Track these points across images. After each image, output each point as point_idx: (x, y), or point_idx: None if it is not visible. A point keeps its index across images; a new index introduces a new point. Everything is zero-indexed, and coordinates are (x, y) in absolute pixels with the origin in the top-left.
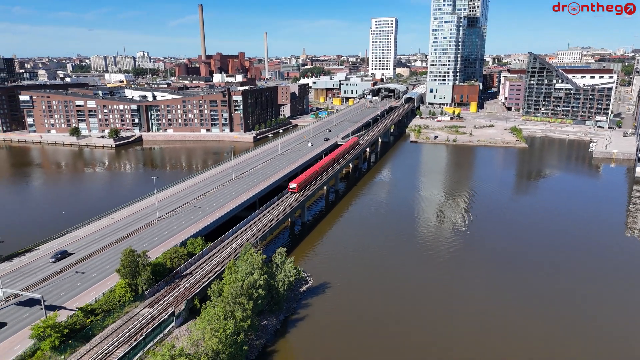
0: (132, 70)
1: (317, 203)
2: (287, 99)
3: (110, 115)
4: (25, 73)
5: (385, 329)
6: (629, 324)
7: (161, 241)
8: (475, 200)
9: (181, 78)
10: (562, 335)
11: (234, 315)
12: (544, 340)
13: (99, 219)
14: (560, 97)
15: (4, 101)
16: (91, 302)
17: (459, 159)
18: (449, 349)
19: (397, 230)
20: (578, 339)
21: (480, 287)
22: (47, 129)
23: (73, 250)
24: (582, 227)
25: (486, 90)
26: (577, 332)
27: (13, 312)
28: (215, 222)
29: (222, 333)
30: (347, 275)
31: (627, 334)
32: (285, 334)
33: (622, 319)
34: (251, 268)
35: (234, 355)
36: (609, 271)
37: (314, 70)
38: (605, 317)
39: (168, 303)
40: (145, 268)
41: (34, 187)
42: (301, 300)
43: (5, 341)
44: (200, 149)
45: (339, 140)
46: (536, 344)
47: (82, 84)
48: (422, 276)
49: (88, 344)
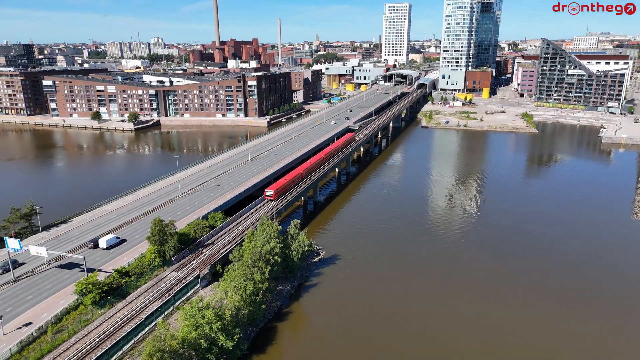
0: (147, 56)
1: (329, 184)
2: (300, 84)
3: (129, 100)
4: (45, 59)
5: (391, 295)
6: (627, 298)
7: (184, 215)
8: (484, 182)
9: (196, 64)
10: (564, 311)
11: (253, 277)
12: (547, 319)
13: (125, 195)
14: (573, 83)
15: (27, 86)
16: (124, 265)
17: (468, 143)
18: (449, 314)
19: (407, 210)
20: (578, 314)
21: (485, 259)
22: (70, 113)
23: (104, 222)
24: (588, 210)
25: (500, 76)
26: (576, 307)
27: (55, 274)
28: (233, 198)
29: (242, 292)
30: (357, 249)
31: (623, 306)
32: (299, 298)
33: (621, 295)
34: (268, 237)
35: (253, 313)
36: (613, 252)
37: (327, 57)
38: (605, 293)
39: (193, 268)
40: (172, 236)
41: (61, 167)
42: (313, 270)
43: (50, 297)
44: (216, 133)
45: (350, 124)
46: (539, 324)
47: (102, 70)
48: (429, 249)
49: (124, 301)
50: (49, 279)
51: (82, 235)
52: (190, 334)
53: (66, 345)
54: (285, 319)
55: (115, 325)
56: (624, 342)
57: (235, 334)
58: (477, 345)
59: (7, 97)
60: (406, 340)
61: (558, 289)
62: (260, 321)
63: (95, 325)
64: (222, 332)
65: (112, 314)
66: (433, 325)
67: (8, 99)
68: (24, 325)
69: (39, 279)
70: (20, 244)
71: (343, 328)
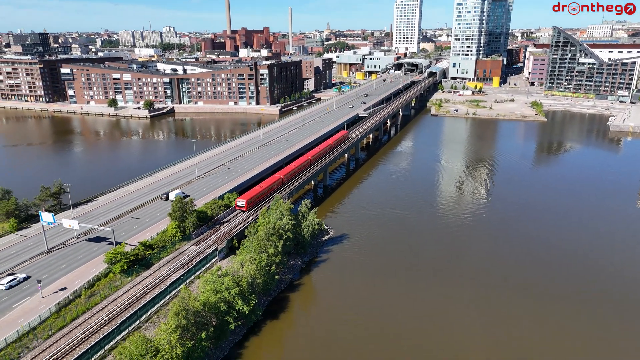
0: (159, 45)
1: (338, 170)
2: (311, 73)
3: (144, 88)
4: (60, 47)
5: (396, 272)
6: (628, 278)
7: (201, 195)
8: (491, 169)
9: (208, 53)
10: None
11: (267, 250)
12: (550, 298)
13: (145, 177)
14: (583, 72)
15: (46, 74)
16: (148, 239)
17: (477, 131)
18: (451, 291)
19: (414, 194)
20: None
21: (491, 242)
22: (87, 100)
23: (127, 201)
24: (594, 197)
25: (511, 65)
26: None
27: (85, 246)
28: (247, 180)
29: (257, 263)
30: (365, 229)
31: (623, 282)
32: (309, 272)
33: (622, 275)
34: (281, 215)
35: (267, 283)
36: (617, 236)
37: (337, 45)
38: (606, 273)
39: (211, 242)
40: (191, 213)
41: (79, 152)
42: (323, 247)
43: (82, 266)
44: (228, 120)
45: (360, 112)
46: (542, 303)
47: (117, 58)
48: (434, 230)
49: (149, 270)
50: (79, 251)
51: (107, 212)
52: (211, 297)
53: (99, 307)
54: (296, 290)
55: (142, 291)
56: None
57: (251, 300)
58: (476, 314)
59: (27, 84)
60: (409, 312)
61: (563, 283)
62: (273, 291)
63: (124, 290)
64: (240, 297)
65: (138, 282)
66: (434, 298)
67: (27, 86)
68: (59, 290)
69: (70, 251)
70: (54, 217)
71: (350, 301)
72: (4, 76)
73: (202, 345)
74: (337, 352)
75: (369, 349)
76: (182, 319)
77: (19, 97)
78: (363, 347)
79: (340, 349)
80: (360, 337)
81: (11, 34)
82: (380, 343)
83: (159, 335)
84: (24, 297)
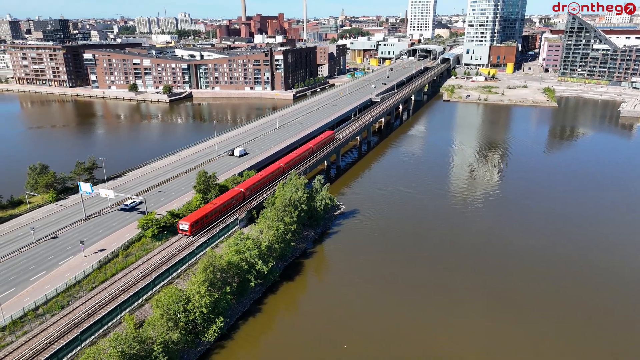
0: (175, 31)
1: (350, 152)
2: (325, 59)
3: (163, 73)
4: (79, 34)
5: (404, 244)
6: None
7: (221, 172)
8: (500, 152)
9: (223, 39)
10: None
11: (283, 219)
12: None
13: (169, 156)
14: (597, 58)
15: (69, 59)
16: (175, 209)
17: (487, 116)
18: (454, 259)
19: (425, 175)
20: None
21: (497, 216)
22: (108, 85)
23: (153, 176)
24: (602, 184)
25: (527, 51)
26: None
27: (118, 215)
28: (263, 160)
29: (275, 230)
30: (375, 207)
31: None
32: (321, 242)
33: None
34: (296, 188)
35: (284, 249)
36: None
37: (352, 32)
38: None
39: (233, 212)
40: (214, 187)
41: (102, 134)
42: (335, 221)
43: (117, 231)
44: (244, 105)
45: (372, 97)
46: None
47: (137, 44)
48: (442, 208)
49: (177, 236)
50: (113, 219)
51: (136, 186)
52: (234, 257)
53: (134, 265)
54: (309, 258)
55: (172, 253)
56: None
57: (270, 262)
58: (478, 285)
59: (51, 70)
60: (416, 277)
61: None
62: (289, 257)
63: (156, 252)
64: (259, 258)
65: (168, 245)
66: (437, 265)
67: (51, 71)
68: (99, 251)
69: (106, 219)
70: (92, 187)
71: (360, 268)
72: (29, 61)
73: (226, 298)
74: (345, 312)
75: (375, 309)
76: (210, 273)
77: (44, 82)
78: (369, 307)
79: (348, 308)
80: (366, 299)
81: (31, 21)
82: (384, 305)
83: (189, 287)
84: (67, 256)
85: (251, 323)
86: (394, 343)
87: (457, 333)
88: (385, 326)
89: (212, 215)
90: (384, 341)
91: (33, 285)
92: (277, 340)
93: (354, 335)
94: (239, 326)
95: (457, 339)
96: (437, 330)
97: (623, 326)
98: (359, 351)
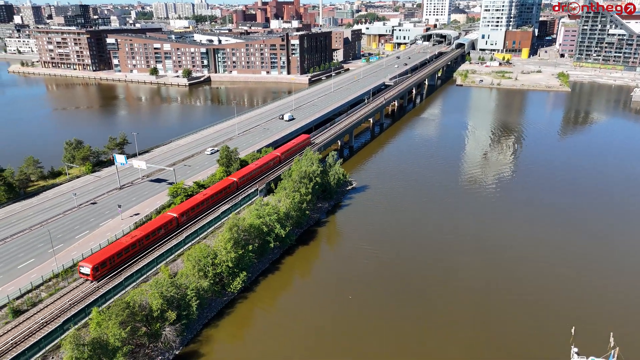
0: (192, 17)
1: (363, 133)
2: (340, 44)
3: (182, 57)
4: (99, 19)
5: (412, 214)
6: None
7: (241, 149)
8: (508, 133)
9: (240, 24)
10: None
11: (299, 190)
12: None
13: (192, 134)
14: (613, 43)
15: (93, 44)
16: (200, 180)
17: (498, 101)
18: (457, 225)
19: (433, 154)
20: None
21: (501, 195)
22: (130, 69)
23: (178, 152)
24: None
25: (544, 36)
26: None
27: (149, 185)
28: (281, 138)
29: (292, 199)
30: (386, 183)
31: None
32: (334, 213)
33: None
34: (311, 162)
35: (299, 217)
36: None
37: (368, 17)
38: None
39: (253, 183)
40: (235, 160)
41: (124, 115)
42: (347, 195)
43: (149, 199)
44: (261, 89)
45: (386, 81)
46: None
47: (157, 29)
48: (450, 183)
49: None
50: (145, 188)
51: (163, 160)
52: (255, 221)
53: None
54: (323, 226)
55: (200, 217)
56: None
57: (287, 226)
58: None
59: (75, 54)
60: (420, 245)
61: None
62: (304, 225)
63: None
64: (278, 222)
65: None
66: (441, 229)
67: (76, 55)
68: (134, 215)
69: (138, 188)
70: (126, 159)
71: (370, 236)
72: (54, 45)
73: (249, 255)
74: (353, 272)
75: (381, 269)
76: (234, 233)
77: (68, 66)
78: (375, 268)
79: (355, 269)
80: (373, 260)
81: (52, 6)
82: (390, 265)
83: (216, 244)
84: (106, 218)
85: (270, 279)
86: (395, 294)
87: (453, 287)
88: (388, 281)
89: (115, 260)
90: (385, 293)
91: (79, 242)
92: (293, 293)
93: (359, 289)
94: (259, 281)
95: (452, 287)
96: (436, 281)
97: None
98: (362, 300)
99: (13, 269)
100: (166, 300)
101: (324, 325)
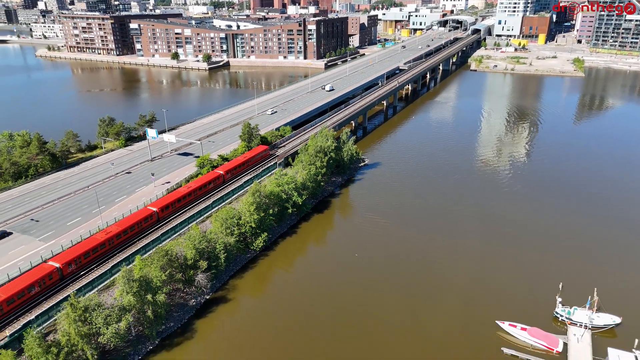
0: (209, 2)
1: (377, 116)
2: (357, 29)
3: (202, 42)
4: (120, 5)
5: (419, 190)
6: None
7: (262, 127)
8: (522, 115)
9: (257, 10)
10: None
11: (315, 163)
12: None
13: (215, 114)
14: (630, 29)
15: (116, 29)
16: (224, 154)
17: (511, 85)
18: (460, 207)
19: (444, 135)
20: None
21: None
22: (152, 53)
23: (202, 130)
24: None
25: (563, 22)
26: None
27: (177, 158)
28: (298, 118)
29: (308, 171)
30: (397, 161)
31: None
32: (347, 187)
33: None
34: (325, 138)
35: (315, 189)
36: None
37: (385, 2)
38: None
39: (273, 157)
40: (256, 137)
41: (149, 96)
42: (359, 171)
43: (178, 170)
44: (278, 73)
45: (400, 65)
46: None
47: (177, 14)
48: (459, 162)
49: None
50: (173, 161)
51: (189, 136)
52: (275, 189)
53: None
54: (336, 197)
55: (224, 185)
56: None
57: (304, 195)
58: (477, 214)
59: (99, 38)
60: (425, 218)
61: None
62: (319, 196)
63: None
64: (295, 191)
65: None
66: (444, 207)
67: (100, 40)
68: (165, 183)
69: (167, 160)
70: (157, 133)
71: (381, 206)
72: (80, 30)
73: (269, 218)
74: (362, 236)
75: (388, 236)
76: (257, 197)
77: (93, 50)
78: (383, 233)
79: (364, 234)
80: (381, 227)
81: None
82: (396, 232)
83: (241, 207)
84: (141, 185)
85: (288, 241)
86: (396, 255)
87: (455, 254)
88: (393, 244)
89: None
90: (389, 253)
91: (118, 204)
92: (308, 253)
93: (366, 248)
94: (279, 242)
95: (455, 256)
96: (437, 244)
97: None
98: (367, 258)
99: (63, 225)
100: (198, 251)
101: (334, 280)
